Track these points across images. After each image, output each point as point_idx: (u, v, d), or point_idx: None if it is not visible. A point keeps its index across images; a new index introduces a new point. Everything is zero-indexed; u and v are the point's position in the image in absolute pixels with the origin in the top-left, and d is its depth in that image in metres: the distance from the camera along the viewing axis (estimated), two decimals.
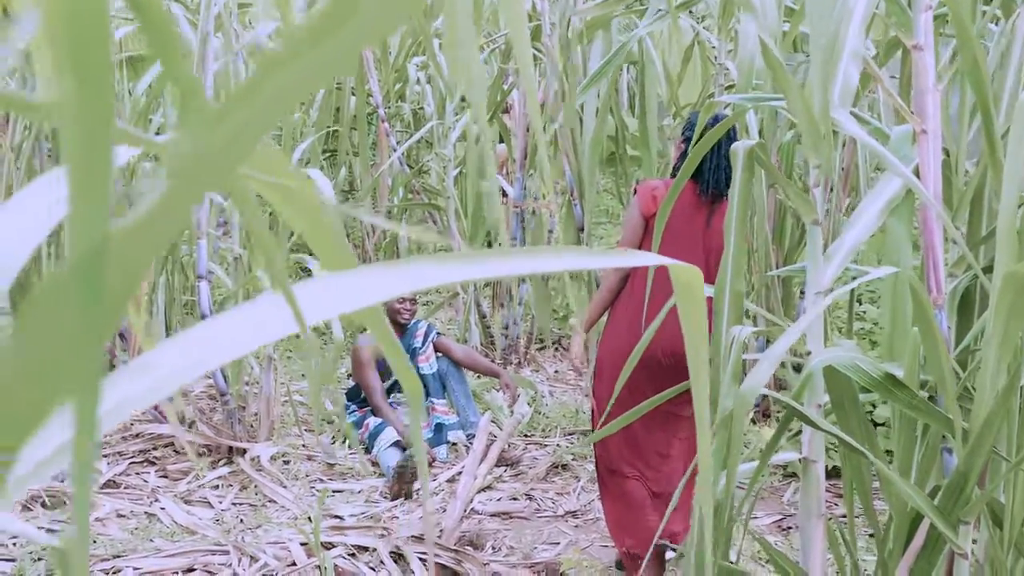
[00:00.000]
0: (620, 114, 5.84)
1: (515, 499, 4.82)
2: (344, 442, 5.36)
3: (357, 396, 5.42)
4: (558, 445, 5.49)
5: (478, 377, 5.97)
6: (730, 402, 2.10)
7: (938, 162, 2.13)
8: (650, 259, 0.75)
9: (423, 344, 5.49)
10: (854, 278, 2.25)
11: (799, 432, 2.29)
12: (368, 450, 5.21)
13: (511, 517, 4.62)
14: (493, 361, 6.23)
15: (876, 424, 4.69)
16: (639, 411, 2.47)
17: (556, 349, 6.98)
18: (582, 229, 5.79)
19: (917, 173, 2.14)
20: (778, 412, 5.37)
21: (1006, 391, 1.88)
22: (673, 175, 3.78)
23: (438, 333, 5.58)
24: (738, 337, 2.18)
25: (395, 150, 7.13)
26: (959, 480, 2.00)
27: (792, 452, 2.33)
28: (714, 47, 5.44)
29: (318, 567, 3.72)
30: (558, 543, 4.33)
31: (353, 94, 7.21)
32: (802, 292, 4.53)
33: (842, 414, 2.20)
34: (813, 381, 2.16)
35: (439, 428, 5.37)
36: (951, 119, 2.31)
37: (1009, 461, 2.05)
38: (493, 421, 5.65)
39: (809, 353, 2.14)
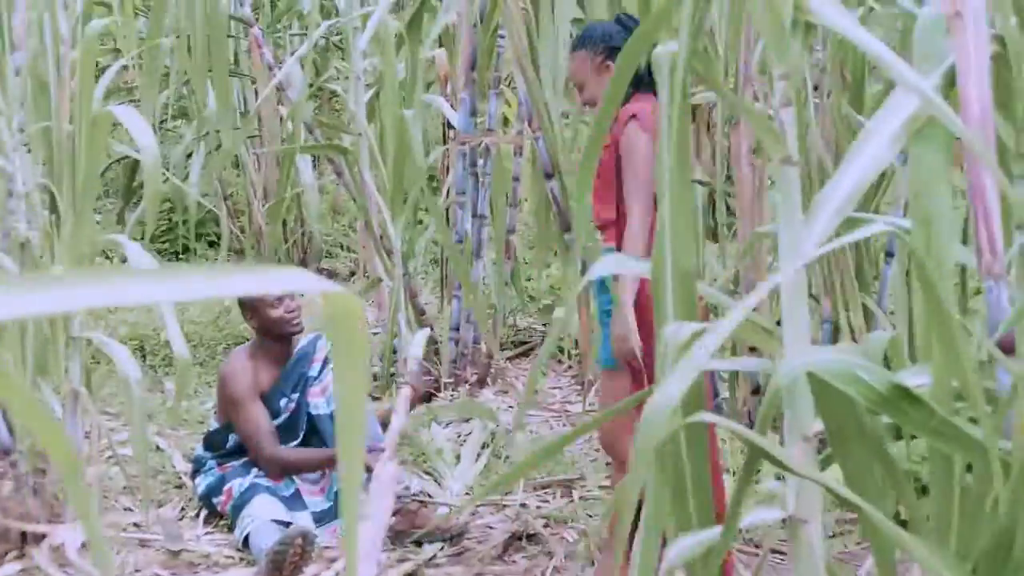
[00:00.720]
0: None
1: None
2: (198, 516, 3.68)
3: (222, 444, 3.72)
4: (522, 506, 3.76)
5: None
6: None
7: (984, 57, 1.42)
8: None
9: (321, 371, 3.73)
10: None
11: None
12: (231, 527, 3.53)
13: None
14: (438, 380, 4.47)
15: None
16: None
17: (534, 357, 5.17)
18: (551, 176, 4.06)
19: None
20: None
21: None
22: (625, 101, 2.95)
23: None
24: (675, 339, 1.47)
25: (271, 68, 5.14)
26: (1003, 537, 1.42)
27: (771, 508, 1.52)
28: None
29: None
30: None
31: None
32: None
33: (843, 448, 1.52)
34: (794, 400, 1.48)
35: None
36: None
37: None
38: (428, 473, 3.94)
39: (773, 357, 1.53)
